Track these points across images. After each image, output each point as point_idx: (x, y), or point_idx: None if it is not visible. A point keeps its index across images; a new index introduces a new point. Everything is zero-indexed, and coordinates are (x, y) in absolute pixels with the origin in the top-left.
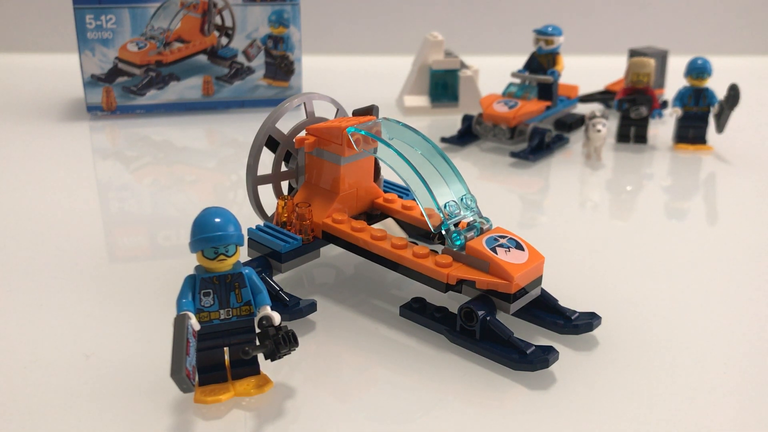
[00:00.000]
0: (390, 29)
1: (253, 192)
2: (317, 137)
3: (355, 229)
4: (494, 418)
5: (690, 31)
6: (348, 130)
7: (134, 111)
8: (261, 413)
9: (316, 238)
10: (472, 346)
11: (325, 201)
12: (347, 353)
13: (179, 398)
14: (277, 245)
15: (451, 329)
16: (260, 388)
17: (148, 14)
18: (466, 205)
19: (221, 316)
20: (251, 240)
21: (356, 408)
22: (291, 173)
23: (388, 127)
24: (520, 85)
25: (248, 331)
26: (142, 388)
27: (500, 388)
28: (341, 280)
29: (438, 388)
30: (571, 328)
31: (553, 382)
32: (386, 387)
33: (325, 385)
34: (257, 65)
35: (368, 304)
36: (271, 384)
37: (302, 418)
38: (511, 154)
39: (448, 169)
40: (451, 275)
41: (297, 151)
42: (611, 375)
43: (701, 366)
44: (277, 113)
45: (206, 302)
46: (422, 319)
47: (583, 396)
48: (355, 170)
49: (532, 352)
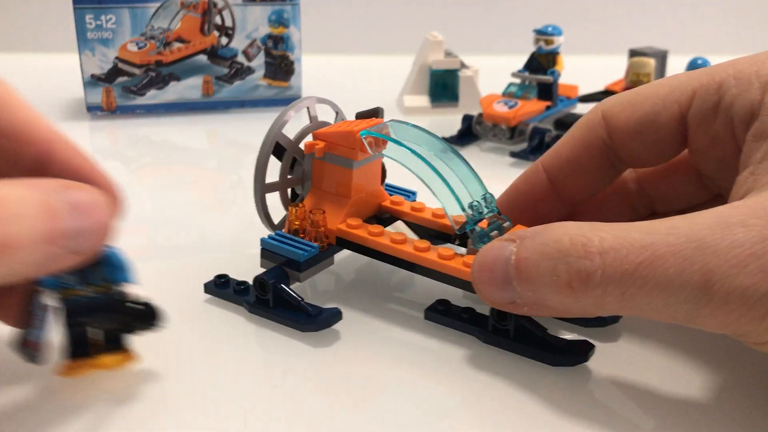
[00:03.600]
0: (390, 29)
1: (261, 201)
2: (327, 142)
3: (372, 233)
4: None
5: (690, 31)
6: (361, 133)
7: (134, 111)
8: (263, 413)
9: (330, 244)
10: (505, 345)
11: (336, 206)
12: (366, 358)
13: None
14: (295, 254)
15: (482, 330)
16: (123, 362)
17: (148, 14)
18: (487, 205)
19: (83, 293)
20: (265, 250)
21: (371, 415)
22: (297, 180)
23: (398, 128)
24: (520, 85)
25: (111, 308)
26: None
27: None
28: (345, 286)
29: (471, 387)
30: (598, 321)
31: (589, 376)
32: (409, 388)
33: (339, 390)
34: (257, 65)
35: (381, 308)
36: (134, 358)
37: (315, 424)
38: (511, 154)
39: (464, 168)
40: None
41: (303, 156)
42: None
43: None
44: (282, 119)
45: (68, 279)
46: (449, 321)
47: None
48: (364, 174)
49: (568, 348)
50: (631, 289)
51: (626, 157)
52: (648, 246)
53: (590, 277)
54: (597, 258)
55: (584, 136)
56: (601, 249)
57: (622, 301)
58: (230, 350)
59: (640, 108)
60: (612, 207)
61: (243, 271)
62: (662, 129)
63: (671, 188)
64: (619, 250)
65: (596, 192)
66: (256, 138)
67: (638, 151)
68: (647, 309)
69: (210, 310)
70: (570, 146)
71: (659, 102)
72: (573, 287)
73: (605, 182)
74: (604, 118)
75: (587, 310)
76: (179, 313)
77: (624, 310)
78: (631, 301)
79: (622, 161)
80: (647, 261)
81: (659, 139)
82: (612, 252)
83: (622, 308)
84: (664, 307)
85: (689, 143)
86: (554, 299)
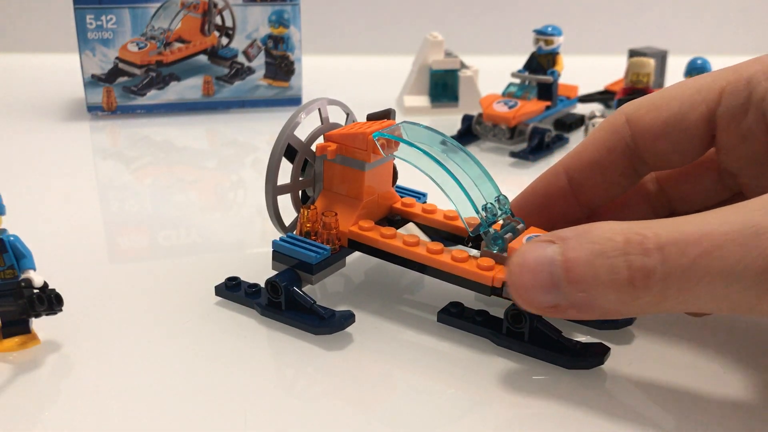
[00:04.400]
0: (390, 29)
1: (273, 203)
2: (339, 144)
3: (385, 235)
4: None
5: (690, 31)
6: (374, 135)
7: (134, 111)
8: (277, 416)
9: (341, 246)
10: (520, 348)
11: (348, 208)
12: (378, 360)
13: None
14: (307, 257)
15: (496, 332)
16: (25, 344)
17: (149, 14)
18: (501, 207)
19: None
20: (276, 253)
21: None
22: (308, 181)
23: (410, 130)
24: (520, 85)
25: (13, 293)
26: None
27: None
28: (354, 289)
29: (481, 388)
30: (612, 324)
31: (604, 378)
32: (422, 391)
33: (353, 392)
34: (257, 65)
35: (392, 311)
36: (36, 341)
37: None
38: (511, 154)
39: (477, 170)
40: (497, 278)
41: (315, 158)
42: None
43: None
44: (293, 121)
45: None
46: (463, 324)
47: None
48: (376, 176)
49: (583, 350)
50: (691, 281)
51: (651, 159)
52: (704, 236)
53: (651, 273)
54: (655, 253)
55: (607, 138)
56: (657, 244)
57: (682, 294)
58: (241, 353)
59: (666, 110)
60: (631, 208)
61: (245, 271)
62: (689, 129)
63: (692, 187)
64: (676, 243)
65: (617, 195)
66: (256, 138)
67: (664, 153)
68: (708, 300)
69: (220, 311)
70: (592, 149)
71: (686, 103)
72: (635, 285)
73: (626, 185)
74: (628, 120)
75: (643, 309)
76: (189, 313)
77: (684, 304)
78: (692, 294)
79: (645, 164)
80: (706, 252)
81: (686, 140)
82: (669, 246)
83: (681, 303)
84: (725, 297)
85: (717, 141)
86: (610, 299)
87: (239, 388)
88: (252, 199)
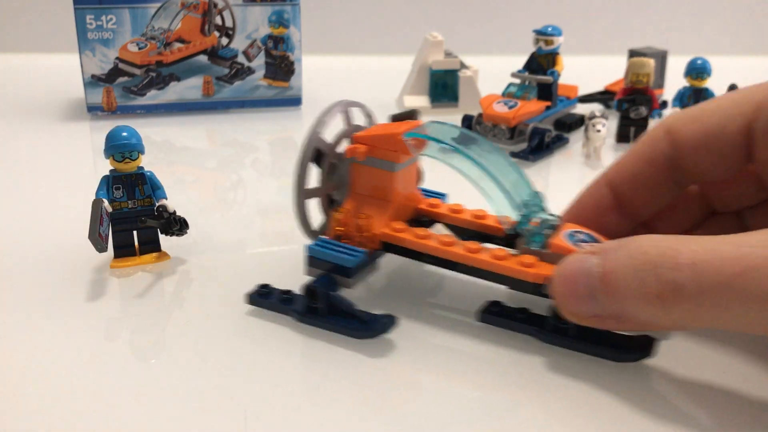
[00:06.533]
0: (390, 29)
1: (302, 207)
2: (369, 145)
3: (419, 236)
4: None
5: (690, 31)
6: (406, 135)
7: (134, 111)
8: (271, 412)
9: (374, 249)
10: (567, 344)
11: (379, 210)
12: (419, 369)
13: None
14: (345, 260)
15: (540, 329)
16: (159, 258)
17: (149, 14)
18: (537, 203)
19: (129, 206)
20: (312, 258)
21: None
22: (336, 185)
23: (438, 129)
24: (520, 85)
25: (151, 217)
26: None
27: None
28: (378, 292)
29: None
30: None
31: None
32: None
33: (398, 398)
34: (257, 65)
35: (423, 312)
36: (167, 257)
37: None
38: (511, 154)
39: (510, 167)
40: (539, 275)
41: (341, 161)
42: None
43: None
44: (319, 124)
45: (117, 195)
46: (505, 322)
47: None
48: (404, 177)
49: (629, 343)
50: (724, 300)
51: (691, 171)
52: (742, 258)
53: (681, 289)
54: (687, 269)
55: (648, 151)
56: (691, 261)
57: (715, 313)
58: (277, 359)
59: (705, 122)
60: (675, 214)
61: (245, 271)
62: (728, 142)
63: (732, 193)
64: (712, 262)
65: (660, 207)
66: (256, 138)
67: (704, 165)
68: (741, 321)
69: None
70: (633, 161)
71: (724, 115)
72: (663, 299)
73: (669, 197)
74: (668, 133)
75: (677, 324)
76: (189, 313)
77: (716, 322)
78: (725, 313)
79: (686, 176)
80: (742, 272)
81: (725, 152)
82: (704, 264)
83: (714, 320)
84: (759, 319)
85: (756, 153)
86: (642, 312)
87: (282, 396)
88: (252, 199)
